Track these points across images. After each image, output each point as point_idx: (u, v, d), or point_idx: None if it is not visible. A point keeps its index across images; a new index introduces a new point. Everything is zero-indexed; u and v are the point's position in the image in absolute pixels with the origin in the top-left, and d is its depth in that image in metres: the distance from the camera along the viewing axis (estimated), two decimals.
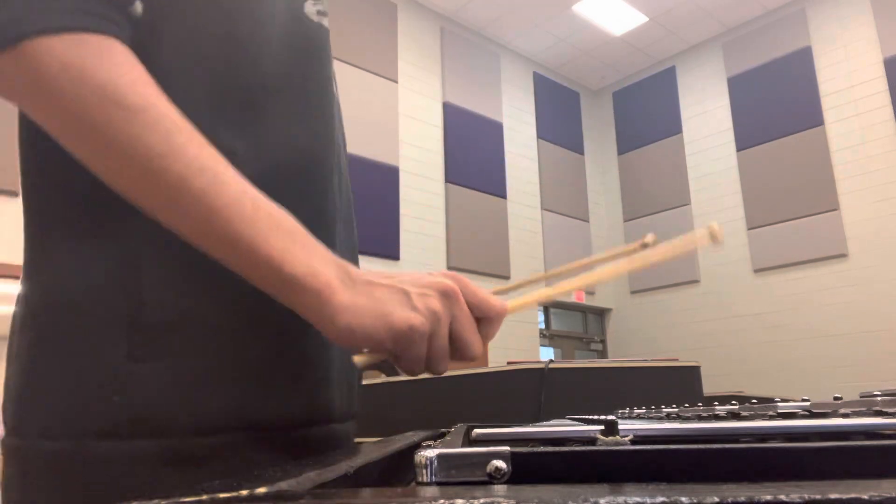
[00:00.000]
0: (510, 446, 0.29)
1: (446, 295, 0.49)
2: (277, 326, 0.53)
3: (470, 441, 0.42)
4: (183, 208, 0.45)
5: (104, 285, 0.49)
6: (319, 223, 0.57)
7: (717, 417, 0.50)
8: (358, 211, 0.72)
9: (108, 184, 0.46)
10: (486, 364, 6.30)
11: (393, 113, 6.27)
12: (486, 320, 0.52)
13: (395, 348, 0.48)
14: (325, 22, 0.66)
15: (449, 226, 6.49)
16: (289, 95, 0.59)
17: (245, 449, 0.51)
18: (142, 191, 0.45)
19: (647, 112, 8.05)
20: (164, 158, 0.44)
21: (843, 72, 6.51)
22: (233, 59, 0.55)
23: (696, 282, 7.32)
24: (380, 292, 0.48)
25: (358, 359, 0.50)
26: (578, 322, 8.13)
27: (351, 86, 5.82)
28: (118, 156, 0.44)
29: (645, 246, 0.62)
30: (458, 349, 0.50)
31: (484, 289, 0.53)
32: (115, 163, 0.45)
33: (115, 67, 0.44)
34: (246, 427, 0.51)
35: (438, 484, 0.28)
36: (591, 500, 0.18)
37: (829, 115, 6.54)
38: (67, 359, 0.48)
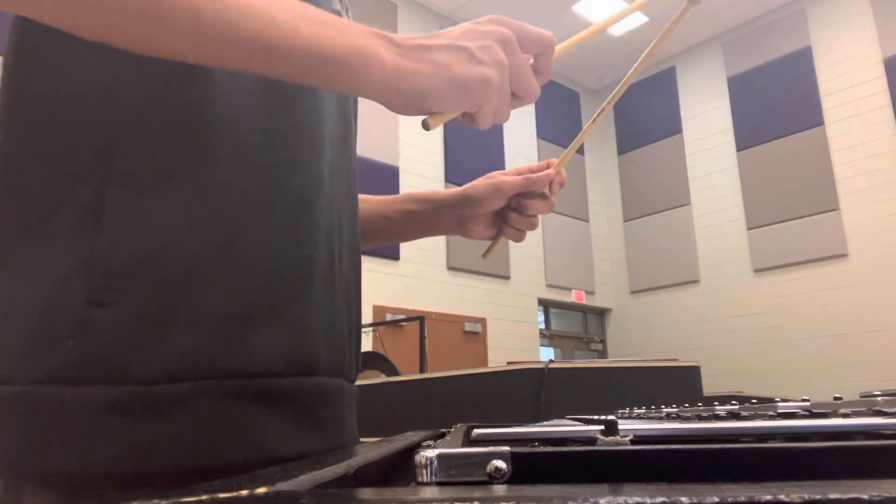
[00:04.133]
0: (510, 446, 0.29)
1: (505, 42, 0.49)
2: (249, 269, 0.51)
3: (470, 441, 0.42)
4: (199, 36, 0.40)
5: (60, 230, 0.46)
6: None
7: (717, 417, 0.50)
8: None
9: (103, 40, 0.40)
10: (485, 363, 6.30)
11: (393, 113, 6.27)
12: (539, 57, 0.53)
13: (471, 106, 0.49)
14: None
15: None
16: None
17: (213, 399, 0.47)
18: (139, 31, 0.40)
19: (647, 112, 8.05)
20: None
21: (843, 72, 6.52)
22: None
23: (696, 282, 7.33)
24: (440, 56, 0.47)
25: (431, 121, 0.50)
26: (578, 322, 8.14)
27: None
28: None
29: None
30: (518, 96, 0.52)
31: (525, 24, 0.52)
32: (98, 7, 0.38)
33: None
34: (212, 375, 0.47)
35: (438, 484, 0.28)
36: (591, 500, 0.18)
37: (829, 115, 6.55)
38: (22, 306, 0.46)
